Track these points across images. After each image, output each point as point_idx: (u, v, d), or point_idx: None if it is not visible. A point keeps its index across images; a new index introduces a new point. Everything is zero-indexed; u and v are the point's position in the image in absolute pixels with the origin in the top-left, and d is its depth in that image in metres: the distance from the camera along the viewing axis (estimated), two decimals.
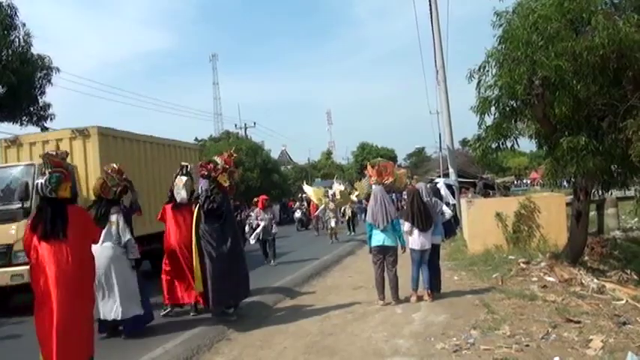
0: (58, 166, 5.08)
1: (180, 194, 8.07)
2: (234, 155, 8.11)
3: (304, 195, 27.76)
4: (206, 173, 7.58)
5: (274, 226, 14.08)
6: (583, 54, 7.75)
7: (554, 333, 5.86)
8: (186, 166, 8.41)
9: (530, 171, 73.22)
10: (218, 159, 7.81)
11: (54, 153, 5.27)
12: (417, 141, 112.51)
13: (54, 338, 4.65)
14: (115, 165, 7.36)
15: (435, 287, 8.11)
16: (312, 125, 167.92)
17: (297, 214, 27.57)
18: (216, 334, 6.80)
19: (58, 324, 4.66)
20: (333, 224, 19.49)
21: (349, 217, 22.80)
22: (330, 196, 20.05)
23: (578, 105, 8.35)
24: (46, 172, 5.00)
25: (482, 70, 8.84)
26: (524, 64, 8.24)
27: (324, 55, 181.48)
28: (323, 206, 20.34)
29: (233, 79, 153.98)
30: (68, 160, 5.90)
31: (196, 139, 52.00)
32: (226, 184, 7.59)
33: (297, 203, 29.86)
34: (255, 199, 15.69)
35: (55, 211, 4.93)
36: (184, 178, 8.13)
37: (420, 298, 7.90)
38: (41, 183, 4.97)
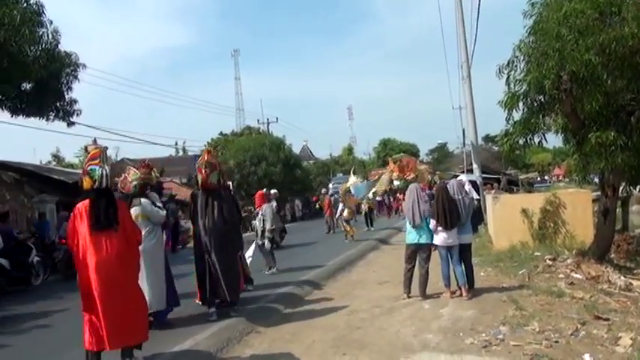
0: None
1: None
2: (211, 151, 8.12)
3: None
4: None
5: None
6: (611, 45, 7.65)
7: (583, 330, 5.85)
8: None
9: (553, 167, 72.36)
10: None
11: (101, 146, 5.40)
12: (440, 136, 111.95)
13: (103, 323, 4.88)
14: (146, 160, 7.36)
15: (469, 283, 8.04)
16: (334, 120, 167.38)
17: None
18: (246, 326, 6.87)
19: (104, 311, 4.88)
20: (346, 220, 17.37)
21: (366, 212, 22.19)
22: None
23: (607, 100, 8.26)
24: (105, 166, 5.17)
25: (510, 65, 8.77)
26: (553, 58, 8.14)
27: (344, 49, 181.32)
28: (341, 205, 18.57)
29: (254, 75, 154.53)
30: None
31: (221, 134, 52.57)
32: (211, 182, 7.43)
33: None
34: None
35: (109, 202, 5.13)
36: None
37: (453, 295, 7.86)
38: (106, 174, 5.13)
